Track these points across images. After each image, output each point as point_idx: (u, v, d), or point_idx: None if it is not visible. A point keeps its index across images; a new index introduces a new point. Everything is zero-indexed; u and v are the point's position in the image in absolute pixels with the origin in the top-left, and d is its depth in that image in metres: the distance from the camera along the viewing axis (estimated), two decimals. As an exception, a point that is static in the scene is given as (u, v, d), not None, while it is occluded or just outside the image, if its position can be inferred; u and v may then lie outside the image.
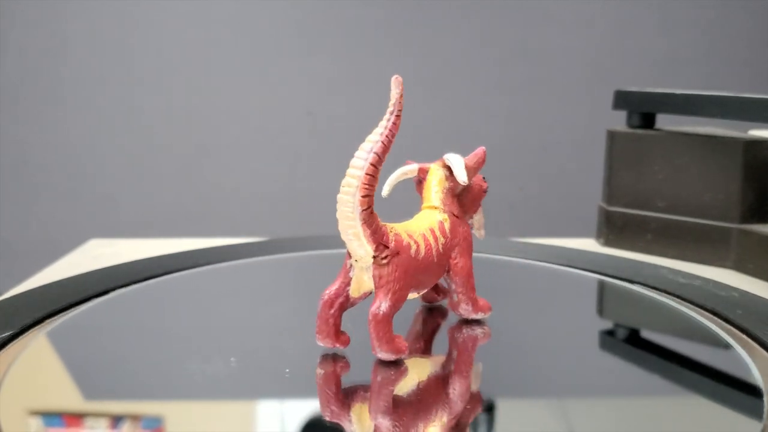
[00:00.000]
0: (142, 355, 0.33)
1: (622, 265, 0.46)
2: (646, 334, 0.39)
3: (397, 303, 0.29)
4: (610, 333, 0.38)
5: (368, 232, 0.28)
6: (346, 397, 0.28)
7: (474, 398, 0.28)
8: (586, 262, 0.46)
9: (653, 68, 1.37)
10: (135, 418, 0.27)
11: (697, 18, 1.36)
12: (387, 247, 0.29)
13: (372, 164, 0.28)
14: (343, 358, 0.31)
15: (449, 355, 0.32)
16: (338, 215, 0.28)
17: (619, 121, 0.57)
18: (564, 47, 1.36)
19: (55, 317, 0.35)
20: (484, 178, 0.36)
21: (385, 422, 0.25)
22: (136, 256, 0.47)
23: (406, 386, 0.28)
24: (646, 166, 0.54)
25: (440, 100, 1.33)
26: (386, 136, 0.28)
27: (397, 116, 0.28)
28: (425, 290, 0.32)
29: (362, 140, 0.28)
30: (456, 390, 0.29)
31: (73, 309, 0.37)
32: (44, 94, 1.32)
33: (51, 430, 0.26)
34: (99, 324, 0.36)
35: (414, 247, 0.30)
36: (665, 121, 0.56)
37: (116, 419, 0.27)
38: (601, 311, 0.42)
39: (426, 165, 0.34)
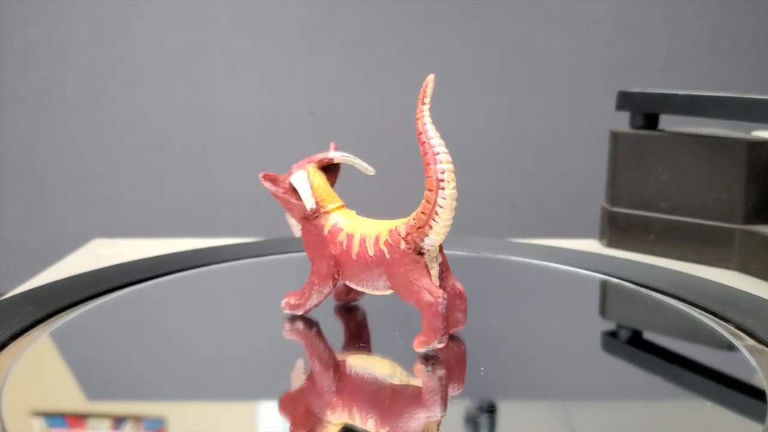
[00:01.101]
0: (145, 356, 0.33)
1: (625, 266, 0.46)
2: (649, 335, 0.39)
3: None
4: (612, 334, 0.38)
5: None
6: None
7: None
8: (588, 262, 0.46)
9: (656, 69, 1.36)
10: (137, 419, 0.27)
11: (701, 18, 1.36)
12: None
13: None
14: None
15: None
16: (449, 210, 0.29)
17: (622, 121, 0.57)
18: (567, 47, 1.36)
19: (58, 317, 0.35)
20: None
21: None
22: (138, 256, 0.47)
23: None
24: (650, 167, 0.54)
25: (442, 99, 1.33)
26: None
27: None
28: None
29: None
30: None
31: (75, 308, 0.37)
32: (47, 94, 1.32)
33: (53, 430, 0.26)
34: (101, 324, 0.36)
35: None
36: (668, 122, 0.56)
37: (118, 420, 0.27)
38: (603, 312, 0.42)
39: (301, 168, 0.34)
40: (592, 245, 0.57)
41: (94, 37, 1.31)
